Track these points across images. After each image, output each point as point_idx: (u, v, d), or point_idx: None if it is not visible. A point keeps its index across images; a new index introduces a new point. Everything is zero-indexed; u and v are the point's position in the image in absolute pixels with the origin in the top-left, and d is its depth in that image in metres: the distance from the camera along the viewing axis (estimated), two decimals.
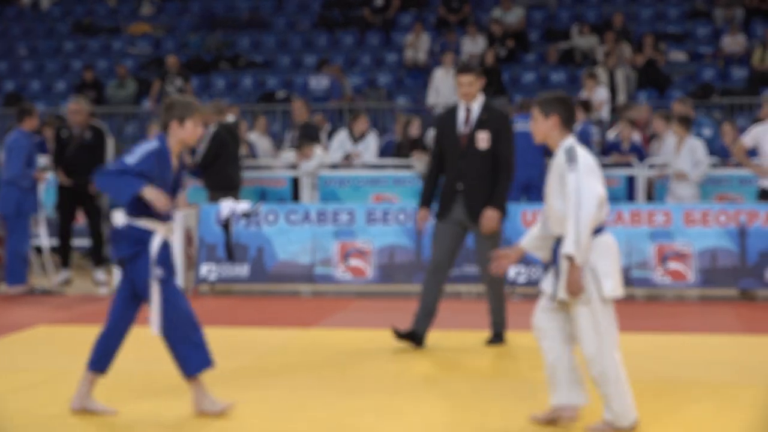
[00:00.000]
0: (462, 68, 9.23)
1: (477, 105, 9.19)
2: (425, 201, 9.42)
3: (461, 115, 9.22)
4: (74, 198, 13.54)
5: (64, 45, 25.09)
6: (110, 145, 14.39)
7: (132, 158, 6.77)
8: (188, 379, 7.00)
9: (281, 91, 21.70)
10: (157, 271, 6.85)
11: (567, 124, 6.52)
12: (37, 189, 13.19)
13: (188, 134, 6.95)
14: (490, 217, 9.01)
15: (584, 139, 14.10)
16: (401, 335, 9.20)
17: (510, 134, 9.27)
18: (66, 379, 7.94)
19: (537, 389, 7.32)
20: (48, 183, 14.18)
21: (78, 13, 26.25)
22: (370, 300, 12.13)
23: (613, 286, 6.34)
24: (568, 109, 6.55)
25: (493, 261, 6.96)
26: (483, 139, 9.08)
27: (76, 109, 13.52)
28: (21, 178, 12.86)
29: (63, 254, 13.73)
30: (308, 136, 15.76)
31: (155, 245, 6.87)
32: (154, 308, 6.85)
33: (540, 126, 6.57)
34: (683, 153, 13.32)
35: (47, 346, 9.63)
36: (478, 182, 9.10)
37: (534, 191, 13.64)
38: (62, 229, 13.68)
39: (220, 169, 13.86)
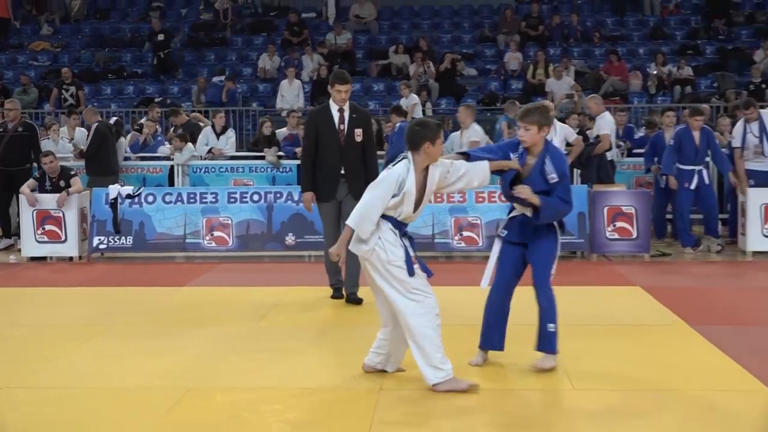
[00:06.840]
0: (341, 79, 8.89)
1: (347, 106, 8.98)
2: (310, 185, 9.01)
3: (335, 114, 8.94)
4: (10, 182, 13.18)
5: None
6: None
7: None
8: None
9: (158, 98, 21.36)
10: None
11: None
12: None
13: None
14: None
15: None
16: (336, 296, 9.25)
17: (372, 128, 9.22)
18: None
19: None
20: None
21: None
22: (230, 264, 12.06)
23: None
24: None
25: None
26: (359, 134, 8.93)
27: (11, 107, 13.43)
28: None
29: (3, 227, 13.49)
30: (189, 132, 15.71)
31: None
32: None
33: None
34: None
35: None
36: (356, 167, 8.91)
37: None
38: (1, 206, 13.40)
39: (100, 159, 13.82)
